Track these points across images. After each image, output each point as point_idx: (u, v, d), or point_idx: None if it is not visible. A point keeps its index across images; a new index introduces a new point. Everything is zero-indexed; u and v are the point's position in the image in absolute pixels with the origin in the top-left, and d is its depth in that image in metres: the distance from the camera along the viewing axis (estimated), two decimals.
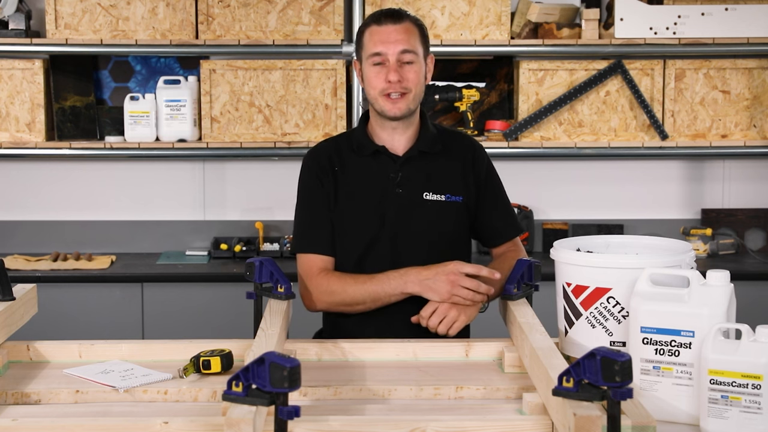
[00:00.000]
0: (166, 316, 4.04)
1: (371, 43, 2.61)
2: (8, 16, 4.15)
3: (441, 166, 2.69)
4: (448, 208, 2.67)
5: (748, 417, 1.86)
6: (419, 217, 2.65)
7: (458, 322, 2.50)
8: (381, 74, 2.60)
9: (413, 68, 2.60)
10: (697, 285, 2.00)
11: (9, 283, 2.38)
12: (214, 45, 4.18)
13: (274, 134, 4.24)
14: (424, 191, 2.66)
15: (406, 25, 2.61)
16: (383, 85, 2.59)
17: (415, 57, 2.61)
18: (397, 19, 2.61)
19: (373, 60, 2.61)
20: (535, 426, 1.88)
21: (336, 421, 1.84)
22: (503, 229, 2.76)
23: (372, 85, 2.62)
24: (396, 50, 2.59)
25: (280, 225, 4.46)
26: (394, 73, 2.58)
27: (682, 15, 4.18)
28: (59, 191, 4.47)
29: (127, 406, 2.06)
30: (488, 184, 2.73)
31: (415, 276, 2.52)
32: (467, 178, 2.70)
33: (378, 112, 2.64)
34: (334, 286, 2.59)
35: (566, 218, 4.54)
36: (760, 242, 4.52)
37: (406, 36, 2.60)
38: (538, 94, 4.28)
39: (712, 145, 4.29)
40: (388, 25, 2.60)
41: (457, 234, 2.69)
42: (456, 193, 2.68)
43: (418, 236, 2.64)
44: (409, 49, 2.59)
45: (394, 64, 2.59)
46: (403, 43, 2.59)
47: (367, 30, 2.64)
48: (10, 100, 4.20)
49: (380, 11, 2.66)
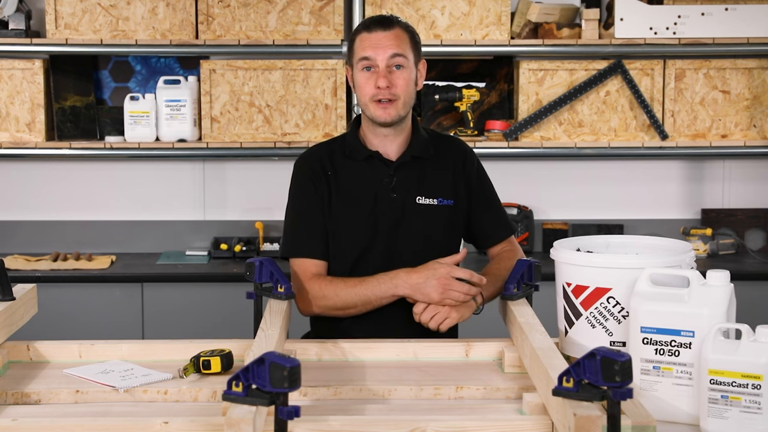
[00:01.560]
0: (166, 316, 4.04)
1: (361, 48, 2.62)
2: (8, 16, 4.15)
3: (432, 171, 2.70)
4: (439, 212, 2.68)
5: (748, 417, 1.86)
6: (412, 222, 2.66)
7: (449, 320, 2.50)
8: (371, 80, 2.61)
9: (402, 74, 2.61)
10: (697, 285, 2.00)
11: (9, 283, 2.38)
12: (214, 45, 4.18)
13: (274, 134, 4.24)
14: (417, 196, 2.67)
15: (396, 31, 2.62)
16: (373, 90, 2.60)
17: (405, 61, 2.61)
18: (387, 25, 2.62)
19: (362, 64, 2.61)
20: (535, 426, 1.88)
21: (336, 421, 1.84)
22: (495, 231, 2.77)
23: (362, 92, 2.63)
24: (385, 55, 2.59)
25: (280, 225, 4.42)
26: (383, 79, 2.58)
27: (682, 15, 4.18)
28: (59, 191, 4.47)
29: (127, 406, 2.06)
30: (479, 187, 2.75)
31: (405, 279, 2.52)
32: (458, 182, 2.71)
33: (369, 118, 2.65)
34: (326, 291, 2.59)
35: (566, 218, 4.54)
36: (760, 242, 4.52)
37: (396, 41, 2.61)
38: (538, 94, 4.28)
39: (712, 145, 4.29)
40: (378, 32, 2.61)
41: (448, 238, 2.70)
42: (447, 197, 2.69)
43: (411, 240, 2.65)
44: (398, 53, 2.60)
45: (384, 70, 2.59)
46: (392, 48, 2.59)
47: (357, 36, 2.65)
48: (10, 100, 4.20)
49: (371, 18, 2.67)
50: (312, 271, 2.63)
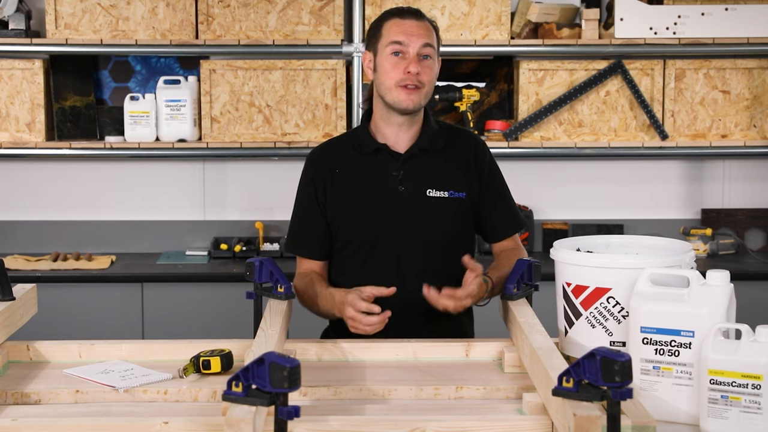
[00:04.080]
0: (166, 316, 4.04)
1: (392, 33, 2.62)
2: (8, 16, 4.15)
3: (444, 163, 2.70)
4: (451, 205, 2.67)
5: (748, 417, 1.86)
6: (422, 214, 2.65)
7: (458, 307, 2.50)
8: (400, 65, 2.60)
9: (430, 65, 2.62)
10: (697, 285, 2.00)
11: (9, 283, 2.38)
12: (214, 45, 4.18)
13: (274, 134, 4.24)
14: (428, 188, 2.67)
15: (426, 23, 2.65)
16: (401, 75, 2.59)
17: (433, 53, 2.63)
18: (419, 16, 2.65)
19: (392, 48, 2.60)
20: (535, 426, 1.88)
21: (336, 421, 1.85)
22: (503, 225, 2.76)
23: (389, 75, 2.61)
24: (419, 43, 2.60)
25: (280, 225, 4.46)
26: (415, 65, 2.58)
27: (682, 15, 4.18)
28: (59, 191, 4.47)
29: (127, 406, 2.06)
30: (490, 179, 2.74)
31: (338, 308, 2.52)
32: (470, 174, 2.70)
33: (389, 103, 2.63)
34: (301, 294, 2.68)
35: (566, 218, 4.54)
36: (760, 242, 4.52)
37: (427, 32, 2.63)
38: (538, 94, 4.28)
39: (712, 145, 4.29)
40: (411, 20, 2.63)
41: (460, 230, 2.70)
42: (459, 189, 2.68)
43: (421, 233, 2.65)
44: (429, 43, 2.61)
45: (415, 56, 2.60)
46: (425, 37, 2.61)
47: (387, 22, 2.65)
48: (10, 100, 4.20)
49: (400, 7, 2.68)
50: (304, 267, 2.73)
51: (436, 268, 2.63)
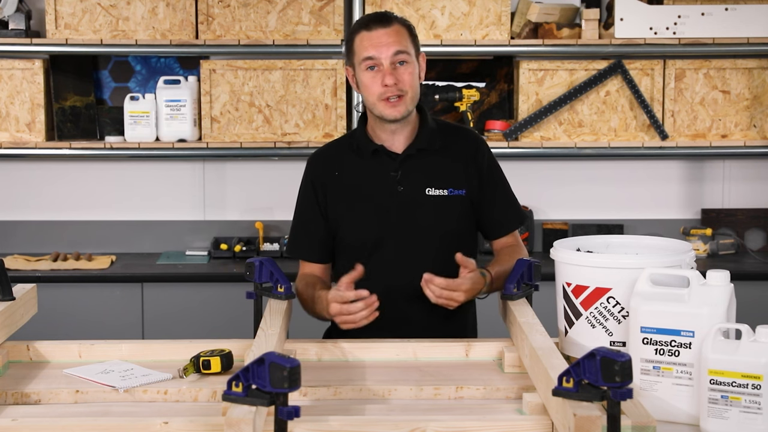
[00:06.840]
0: (166, 316, 4.04)
1: (362, 48, 2.60)
2: (8, 16, 4.15)
3: (442, 161, 2.70)
4: (451, 203, 2.67)
5: (748, 417, 1.86)
6: (423, 213, 2.66)
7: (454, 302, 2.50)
8: (376, 79, 2.59)
9: (407, 69, 2.60)
10: (697, 285, 2.00)
11: (9, 283, 2.38)
12: (214, 45, 4.18)
13: (274, 134, 4.24)
14: (427, 187, 2.67)
15: (395, 27, 2.61)
16: (380, 89, 2.59)
17: (408, 57, 2.60)
18: (386, 22, 2.60)
19: (366, 64, 2.60)
20: (535, 426, 1.88)
21: (336, 421, 1.85)
22: (504, 222, 2.76)
23: (369, 91, 2.61)
24: (389, 53, 2.58)
25: (280, 225, 4.46)
26: (390, 77, 2.57)
27: (682, 15, 4.18)
28: (59, 191, 4.47)
29: (127, 406, 2.06)
30: (490, 176, 2.73)
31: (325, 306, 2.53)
32: (469, 172, 2.70)
33: (377, 116, 2.64)
34: (301, 298, 2.69)
35: (566, 218, 4.54)
36: (760, 242, 4.52)
37: (397, 38, 2.59)
38: (538, 94, 4.28)
39: (712, 145, 4.29)
40: (378, 29, 2.59)
41: (461, 228, 2.70)
42: (458, 187, 2.68)
43: (423, 232, 2.65)
44: (401, 50, 2.59)
45: (389, 67, 2.58)
46: (395, 45, 2.58)
47: (356, 36, 2.63)
48: (10, 100, 4.20)
49: (367, 16, 2.66)
50: (304, 271, 2.74)
51: (438, 266, 2.63)
